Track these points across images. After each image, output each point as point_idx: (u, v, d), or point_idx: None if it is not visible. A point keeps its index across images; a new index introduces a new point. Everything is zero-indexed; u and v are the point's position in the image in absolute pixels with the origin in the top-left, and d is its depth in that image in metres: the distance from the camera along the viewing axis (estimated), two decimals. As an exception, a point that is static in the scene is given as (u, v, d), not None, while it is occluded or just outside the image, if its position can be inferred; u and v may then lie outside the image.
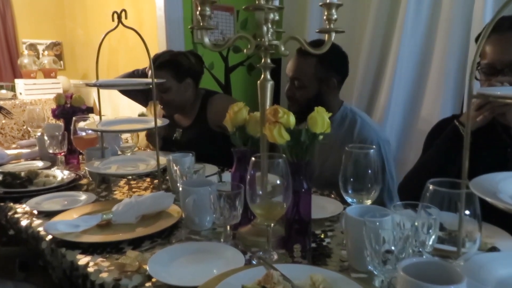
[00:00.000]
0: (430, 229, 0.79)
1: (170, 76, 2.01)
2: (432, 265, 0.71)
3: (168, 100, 2.05)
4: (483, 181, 0.76)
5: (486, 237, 1.03)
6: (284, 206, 0.96)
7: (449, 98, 2.26)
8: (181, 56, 2.11)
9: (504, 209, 0.67)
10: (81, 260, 1.02)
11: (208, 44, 1.00)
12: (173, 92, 2.04)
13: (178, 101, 2.08)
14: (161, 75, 1.99)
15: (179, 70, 2.04)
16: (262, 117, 1.07)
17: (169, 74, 2.01)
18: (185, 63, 2.07)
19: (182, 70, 2.05)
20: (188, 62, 2.09)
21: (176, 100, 2.07)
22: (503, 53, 1.25)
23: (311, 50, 1.04)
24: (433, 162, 1.37)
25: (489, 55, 1.27)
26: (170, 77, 2.01)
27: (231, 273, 0.89)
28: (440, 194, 0.76)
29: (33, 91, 4.20)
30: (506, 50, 1.25)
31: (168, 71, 2.01)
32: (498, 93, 0.65)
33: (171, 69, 2.02)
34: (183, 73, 2.06)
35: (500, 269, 0.83)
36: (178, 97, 2.07)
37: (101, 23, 4.01)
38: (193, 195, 1.15)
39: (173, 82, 2.02)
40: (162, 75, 1.98)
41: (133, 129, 1.55)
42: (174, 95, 2.05)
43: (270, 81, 1.07)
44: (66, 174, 1.69)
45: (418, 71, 2.43)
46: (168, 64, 2.02)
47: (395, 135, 2.51)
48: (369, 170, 1.03)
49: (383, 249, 0.79)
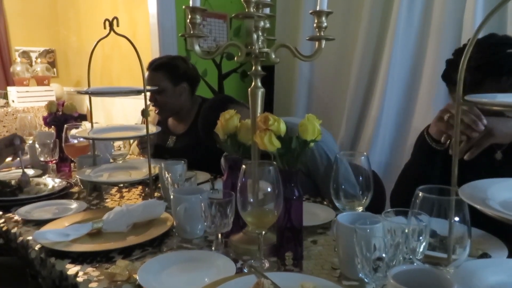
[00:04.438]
0: (420, 236, 0.79)
1: (165, 78, 2.03)
2: (422, 272, 0.71)
3: (162, 102, 2.06)
4: (472, 187, 0.77)
5: (477, 243, 1.03)
6: (275, 213, 0.96)
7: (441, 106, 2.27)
8: (178, 60, 2.13)
9: (493, 216, 0.67)
10: (71, 269, 1.01)
11: (199, 51, 1.01)
12: (167, 95, 2.04)
13: (171, 104, 2.08)
14: (157, 77, 2.00)
15: (175, 73, 2.05)
16: (253, 125, 1.07)
17: (165, 76, 2.03)
18: (181, 67, 2.09)
19: (178, 73, 2.07)
20: (185, 66, 2.11)
21: (169, 103, 2.07)
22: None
23: (302, 57, 1.04)
24: (413, 171, 1.39)
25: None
26: (165, 79, 2.02)
27: (222, 281, 0.88)
28: (429, 200, 0.76)
29: (26, 98, 4.18)
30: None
31: (165, 73, 2.03)
32: (485, 101, 0.65)
33: (167, 71, 2.04)
34: (179, 77, 2.07)
35: (491, 276, 0.83)
36: (172, 100, 2.07)
37: (95, 30, 4.01)
38: (184, 203, 1.15)
39: (168, 85, 2.03)
40: (158, 76, 2.00)
41: (125, 136, 1.55)
42: (168, 97, 2.05)
43: (261, 88, 1.07)
44: (57, 182, 1.68)
45: (410, 80, 2.45)
46: (164, 66, 2.04)
47: (388, 143, 2.52)
48: (360, 177, 1.03)
49: (374, 257, 0.79)
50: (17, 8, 4.52)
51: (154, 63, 2.05)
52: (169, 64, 2.06)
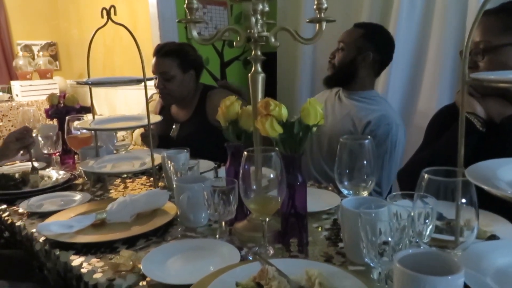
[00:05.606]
0: (427, 219, 0.77)
1: (175, 65, 2.01)
2: (429, 255, 0.69)
3: (170, 89, 2.04)
4: (480, 168, 0.75)
5: (486, 225, 1.01)
6: (278, 200, 0.95)
7: (446, 89, 2.24)
8: (187, 46, 2.11)
9: (501, 197, 0.65)
10: (75, 261, 1.01)
11: (197, 37, 0.98)
12: (176, 82, 2.03)
13: (179, 92, 2.07)
14: (166, 63, 1.98)
15: (185, 60, 2.03)
16: (254, 111, 1.05)
17: (175, 62, 2.01)
18: (191, 54, 2.07)
19: (188, 60, 2.05)
20: (194, 53, 2.10)
21: (178, 91, 2.06)
22: (478, 35, 1.23)
23: (302, 41, 1.01)
24: (443, 153, 1.34)
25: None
26: (175, 66, 2.00)
27: (226, 269, 0.87)
28: (435, 183, 0.75)
29: (30, 92, 4.18)
30: (479, 33, 1.23)
31: (175, 59, 2.01)
32: (492, 77, 0.63)
33: (177, 58, 2.01)
34: (189, 63, 2.05)
35: (499, 257, 0.82)
36: (181, 87, 2.06)
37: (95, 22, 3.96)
38: (187, 191, 1.14)
39: (178, 72, 2.02)
40: (168, 62, 1.98)
41: (127, 126, 1.53)
42: (177, 85, 2.04)
43: (261, 73, 1.05)
44: (61, 174, 1.68)
45: (414, 64, 2.41)
46: (175, 53, 2.02)
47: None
48: (364, 161, 1.01)
49: (380, 241, 0.77)
50: (17, 1, 4.50)
51: (164, 48, 2.01)
52: (179, 51, 2.03)
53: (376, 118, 1.77)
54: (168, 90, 2.04)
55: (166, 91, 2.05)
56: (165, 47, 2.03)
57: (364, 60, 1.85)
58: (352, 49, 1.85)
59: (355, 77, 1.87)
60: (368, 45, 1.85)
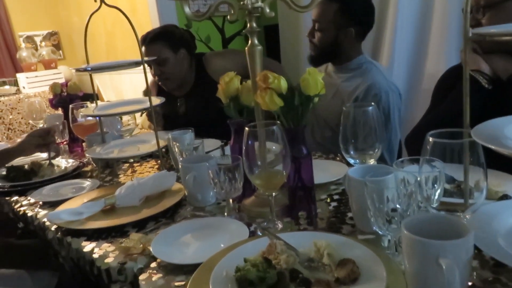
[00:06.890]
0: (435, 183, 0.76)
1: (165, 47, 2.00)
2: (437, 220, 0.68)
3: (168, 73, 2.03)
4: (486, 127, 0.72)
5: (497, 185, 0.99)
6: (283, 174, 0.93)
7: (453, 50, 2.18)
8: (171, 27, 2.11)
9: (510, 156, 0.63)
10: (86, 247, 1.02)
11: (189, 13, 0.96)
12: (171, 64, 2.02)
13: (177, 73, 2.06)
14: (156, 48, 1.97)
15: (172, 40, 2.02)
16: (253, 85, 1.03)
17: (164, 45, 2.00)
18: (176, 32, 2.07)
19: (175, 39, 2.04)
20: (179, 31, 2.09)
21: (175, 73, 2.05)
22: None
23: (297, 9, 0.98)
24: (449, 114, 1.30)
25: None
26: (165, 48, 2.00)
27: (235, 246, 0.87)
28: (441, 145, 0.72)
29: (36, 83, 4.19)
30: None
31: (163, 42, 2.00)
32: (494, 31, 0.60)
33: (164, 40, 2.01)
34: (177, 42, 2.04)
35: (511, 217, 0.80)
36: (177, 68, 2.05)
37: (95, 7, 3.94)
38: (193, 171, 1.13)
39: (169, 53, 2.01)
40: (157, 47, 1.97)
41: (129, 110, 1.53)
42: (172, 67, 2.03)
43: (258, 46, 1.02)
44: (70, 162, 1.69)
45: (420, 28, 2.34)
46: (160, 36, 2.01)
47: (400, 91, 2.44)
48: (369, 128, 0.99)
49: (387, 208, 0.76)
50: (15, -7, 4.47)
51: (149, 36, 2.00)
52: (164, 33, 2.02)
53: (362, 91, 1.71)
54: (166, 75, 2.04)
55: (164, 76, 2.05)
56: (149, 34, 2.02)
57: (346, 37, 1.75)
58: (331, 28, 1.74)
59: (339, 52, 1.79)
60: (347, 20, 1.73)
